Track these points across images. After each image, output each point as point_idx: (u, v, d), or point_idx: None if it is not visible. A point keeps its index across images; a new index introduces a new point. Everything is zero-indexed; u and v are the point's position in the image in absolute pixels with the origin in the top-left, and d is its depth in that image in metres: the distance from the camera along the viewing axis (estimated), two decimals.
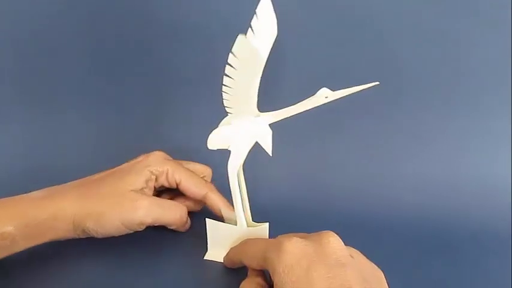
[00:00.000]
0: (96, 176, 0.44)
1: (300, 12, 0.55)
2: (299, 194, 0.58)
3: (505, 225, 0.53)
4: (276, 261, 0.32)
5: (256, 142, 0.39)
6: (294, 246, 0.33)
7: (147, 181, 0.42)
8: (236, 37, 0.31)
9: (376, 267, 0.36)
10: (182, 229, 0.46)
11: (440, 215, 0.55)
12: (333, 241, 0.34)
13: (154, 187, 0.44)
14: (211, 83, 0.55)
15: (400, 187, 0.57)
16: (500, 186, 0.57)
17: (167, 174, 0.44)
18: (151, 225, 0.42)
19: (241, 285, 0.37)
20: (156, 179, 0.44)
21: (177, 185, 0.44)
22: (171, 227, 0.45)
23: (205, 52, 0.57)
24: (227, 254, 0.42)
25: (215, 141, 0.40)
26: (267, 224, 0.43)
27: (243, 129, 0.39)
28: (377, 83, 0.36)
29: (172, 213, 0.43)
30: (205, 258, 0.45)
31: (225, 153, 0.41)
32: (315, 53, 0.57)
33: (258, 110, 0.38)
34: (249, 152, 0.40)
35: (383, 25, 0.55)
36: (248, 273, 0.39)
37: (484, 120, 0.58)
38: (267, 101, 0.39)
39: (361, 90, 0.36)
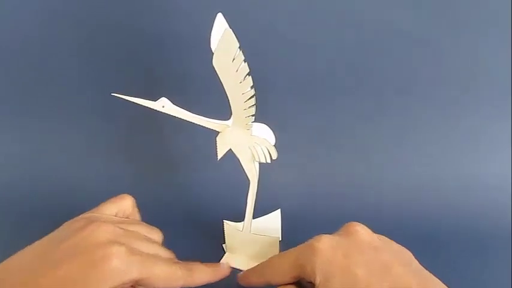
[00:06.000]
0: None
1: (292, 18, 0.56)
2: (301, 199, 0.59)
3: (505, 225, 0.54)
4: (314, 262, 0.32)
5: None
6: (326, 243, 0.33)
7: None
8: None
9: (404, 248, 0.36)
10: None
11: (441, 215, 0.56)
12: (360, 229, 0.35)
13: None
14: (202, 91, 0.56)
15: (400, 189, 0.59)
16: (500, 186, 0.58)
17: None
18: None
19: None
20: None
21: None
22: None
23: (196, 61, 0.57)
24: (244, 276, 0.41)
25: None
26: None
27: None
28: None
29: None
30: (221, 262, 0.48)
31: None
32: (311, 56, 0.58)
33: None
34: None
35: (380, 28, 0.56)
36: None
37: (483, 121, 0.58)
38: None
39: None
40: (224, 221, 0.48)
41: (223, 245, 0.50)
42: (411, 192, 0.59)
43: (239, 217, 0.49)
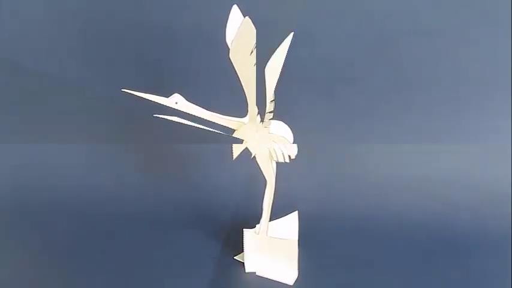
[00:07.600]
0: None
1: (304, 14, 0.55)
2: (318, 201, 0.58)
3: (505, 225, 0.54)
4: None
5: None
6: None
7: None
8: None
9: None
10: None
11: (443, 215, 0.56)
12: None
13: None
14: (217, 87, 0.54)
15: (402, 190, 0.58)
16: (500, 186, 0.57)
17: None
18: None
19: None
20: None
21: None
22: None
23: (210, 56, 0.56)
24: None
25: None
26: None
27: None
28: None
29: None
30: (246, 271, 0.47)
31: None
32: (317, 54, 0.57)
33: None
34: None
35: (386, 27, 0.56)
36: None
37: (484, 121, 0.58)
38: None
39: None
40: (244, 230, 0.46)
41: (235, 257, 0.49)
42: (424, 192, 0.58)
43: (254, 218, 0.47)
